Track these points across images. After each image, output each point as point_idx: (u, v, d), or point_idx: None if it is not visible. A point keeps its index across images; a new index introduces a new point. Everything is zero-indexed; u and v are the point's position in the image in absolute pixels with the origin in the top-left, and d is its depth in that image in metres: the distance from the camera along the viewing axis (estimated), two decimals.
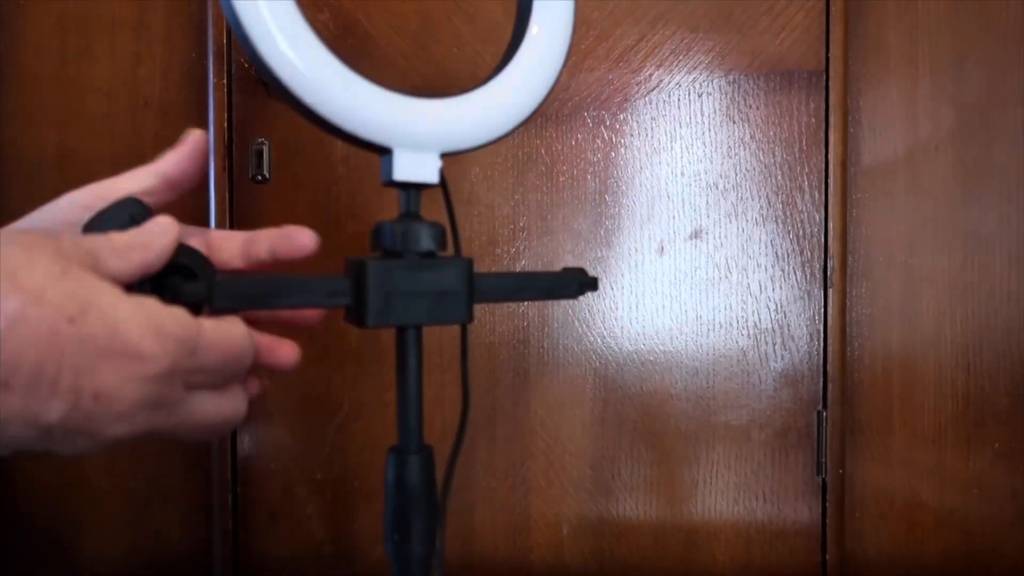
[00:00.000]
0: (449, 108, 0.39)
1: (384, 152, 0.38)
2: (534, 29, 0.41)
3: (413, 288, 0.38)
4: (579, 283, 0.45)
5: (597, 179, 0.71)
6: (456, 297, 0.39)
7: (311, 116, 0.36)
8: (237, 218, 0.72)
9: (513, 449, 0.73)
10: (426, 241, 0.39)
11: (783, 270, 0.71)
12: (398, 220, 0.39)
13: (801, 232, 0.70)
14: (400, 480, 0.40)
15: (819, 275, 0.70)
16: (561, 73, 0.43)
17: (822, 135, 0.70)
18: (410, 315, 0.38)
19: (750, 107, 0.70)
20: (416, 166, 0.39)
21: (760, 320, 0.71)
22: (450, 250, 0.42)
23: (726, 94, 0.70)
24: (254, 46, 0.34)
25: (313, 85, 0.35)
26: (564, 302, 0.72)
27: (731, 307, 0.71)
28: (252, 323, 0.40)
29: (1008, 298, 0.71)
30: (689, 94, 0.71)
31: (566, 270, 0.45)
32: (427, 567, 0.40)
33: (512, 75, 0.40)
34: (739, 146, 0.71)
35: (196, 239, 0.41)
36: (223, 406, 0.37)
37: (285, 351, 0.42)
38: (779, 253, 0.71)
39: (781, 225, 0.71)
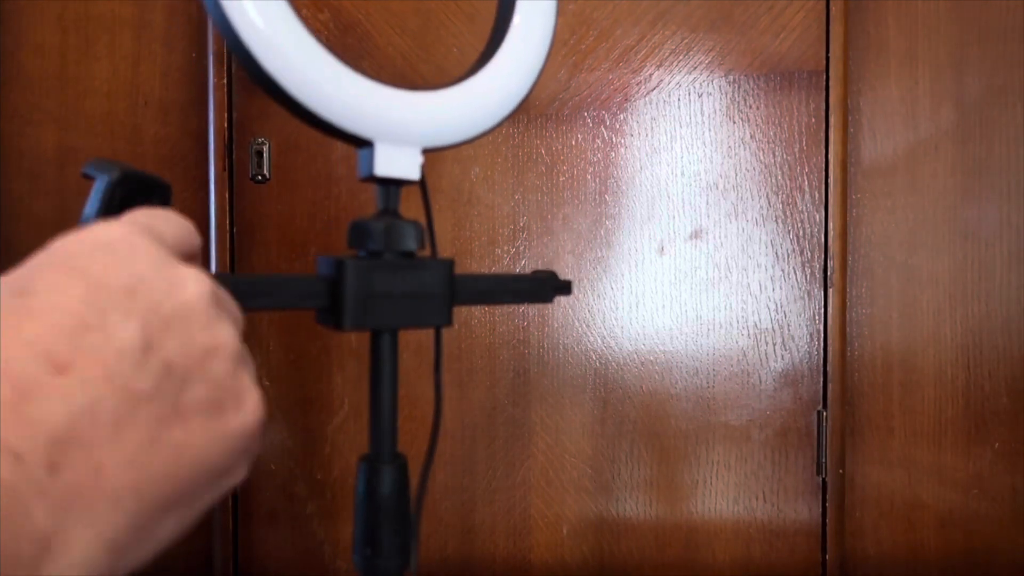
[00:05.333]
0: (432, 101, 0.37)
1: (365, 145, 0.36)
2: (517, 20, 0.39)
3: (392, 290, 0.36)
4: (553, 287, 0.43)
5: (597, 179, 0.71)
6: (437, 299, 0.37)
7: (291, 104, 0.34)
8: (237, 218, 0.72)
9: (513, 449, 0.73)
10: (409, 240, 0.36)
11: (783, 270, 0.71)
12: (378, 217, 0.37)
13: (801, 232, 0.70)
14: (371, 491, 0.37)
15: (819, 275, 0.70)
16: (544, 67, 0.41)
17: (822, 135, 0.70)
18: (388, 318, 0.36)
19: (750, 107, 0.70)
20: (398, 161, 0.36)
21: (760, 320, 0.71)
22: (426, 250, 0.41)
23: (726, 94, 0.70)
24: (231, 25, 0.31)
25: (294, 70, 0.33)
26: (564, 302, 0.72)
27: (731, 307, 0.71)
28: None
29: (1008, 298, 0.71)
30: (689, 94, 0.71)
31: (536, 273, 0.43)
32: None
33: (497, 68, 0.38)
34: (739, 146, 0.71)
35: None
36: None
37: None
38: (779, 253, 0.71)
39: (781, 225, 0.71)
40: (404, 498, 0.38)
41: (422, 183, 0.38)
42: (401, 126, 0.36)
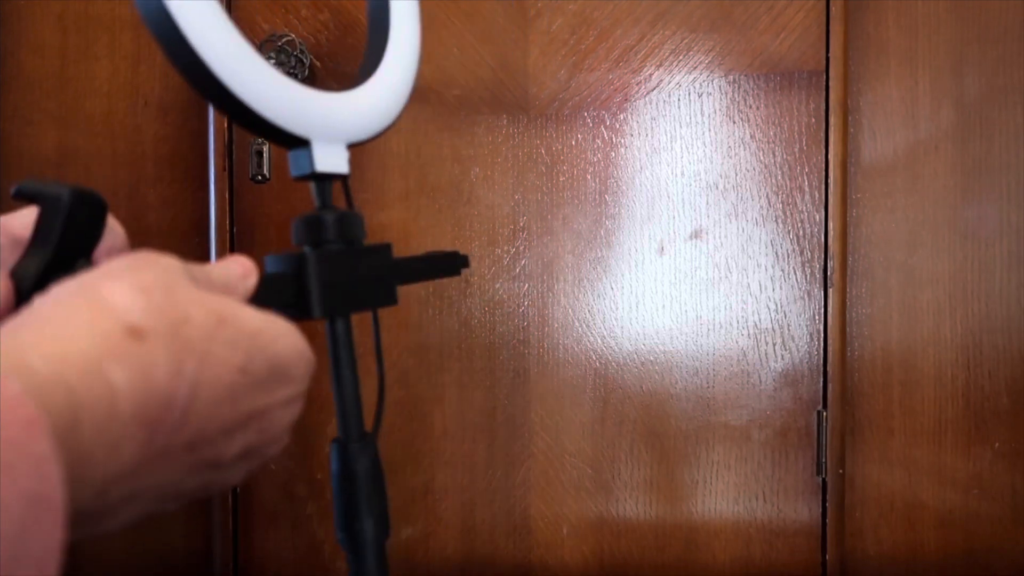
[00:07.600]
0: (351, 100, 0.41)
1: (300, 145, 0.39)
2: (395, 20, 0.44)
3: (350, 276, 0.39)
4: (461, 263, 0.49)
5: (597, 179, 0.71)
6: (385, 281, 0.41)
7: (236, 109, 0.36)
8: (237, 218, 0.72)
9: (513, 449, 0.73)
10: (357, 229, 0.40)
11: (783, 270, 0.71)
12: (323, 211, 0.40)
13: (801, 232, 0.70)
14: (345, 469, 0.41)
15: (819, 275, 0.70)
16: (420, 59, 0.46)
17: (822, 135, 0.70)
18: (348, 303, 0.40)
19: (750, 107, 0.70)
20: (331, 157, 0.40)
21: (760, 320, 0.71)
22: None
23: (726, 94, 0.70)
24: (192, 48, 0.35)
25: (241, 78, 0.36)
26: (564, 301, 0.72)
27: (731, 307, 0.71)
28: None
29: (1008, 298, 0.71)
30: (689, 94, 0.71)
31: (442, 253, 0.49)
32: (381, 551, 0.40)
33: (393, 64, 0.44)
34: (739, 146, 0.71)
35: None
36: None
37: None
38: (779, 253, 0.71)
39: (781, 225, 0.71)
40: (378, 472, 0.41)
41: (345, 176, 0.42)
42: (332, 125, 0.39)
